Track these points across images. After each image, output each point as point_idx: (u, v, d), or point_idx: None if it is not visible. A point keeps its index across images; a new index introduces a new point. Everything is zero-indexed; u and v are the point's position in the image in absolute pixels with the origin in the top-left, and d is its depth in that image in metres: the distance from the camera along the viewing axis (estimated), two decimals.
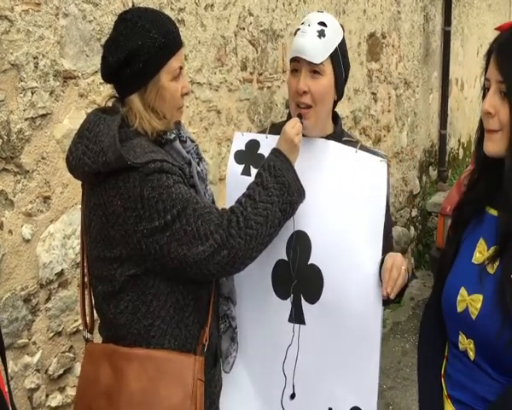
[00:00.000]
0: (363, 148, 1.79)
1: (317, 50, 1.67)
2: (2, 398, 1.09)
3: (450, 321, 1.47)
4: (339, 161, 1.74)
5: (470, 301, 1.38)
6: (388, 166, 1.75)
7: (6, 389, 1.13)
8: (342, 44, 1.75)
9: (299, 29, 1.73)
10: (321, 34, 1.68)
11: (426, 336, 1.60)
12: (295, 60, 1.72)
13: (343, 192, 1.71)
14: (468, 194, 1.51)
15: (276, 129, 1.82)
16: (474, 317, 1.37)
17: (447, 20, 6.71)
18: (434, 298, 1.55)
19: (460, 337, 1.42)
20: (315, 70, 1.69)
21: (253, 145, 1.83)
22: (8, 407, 1.11)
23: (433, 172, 6.89)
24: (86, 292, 1.67)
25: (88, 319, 1.69)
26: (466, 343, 1.40)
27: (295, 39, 1.71)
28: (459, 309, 1.41)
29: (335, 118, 1.84)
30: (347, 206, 1.71)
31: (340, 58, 1.73)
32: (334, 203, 1.71)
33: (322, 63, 1.68)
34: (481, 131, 1.43)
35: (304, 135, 1.72)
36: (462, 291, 1.41)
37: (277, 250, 1.72)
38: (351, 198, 1.71)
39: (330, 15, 1.79)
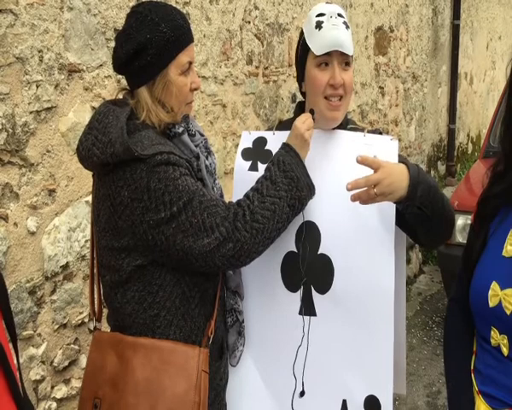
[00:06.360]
0: (371, 132, 1.78)
1: (350, 42, 1.69)
2: (15, 383, 1.10)
3: (480, 316, 1.43)
4: (347, 148, 1.73)
5: (504, 296, 1.35)
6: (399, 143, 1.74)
7: (18, 376, 1.14)
8: None
9: (321, 21, 1.68)
10: (346, 26, 1.69)
11: (453, 332, 1.56)
12: (327, 53, 1.67)
13: (352, 178, 1.67)
14: (495, 185, 1.47)
15: (283, 126, 1.82)
16: (508, 312, 1.33)
17: (456, 14, 6.68)
18: (460, 292, 1.51)
19: (492, 333, 1.39)
20: (346, 62, 1.70)
21: (260, 142, 1.82)
22: (20, 392, 1.12)
23: (442, 167, 6.86)
24: (95, 281, 1.68)
25: (96, 308, 1.70)
26: (499, 339, 1.37)
27: (327, 32, 1.67)
28: (491, 304, 1.37)
29: None
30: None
31: None
32: (344, 190, 1.66)
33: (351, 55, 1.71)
34: (509, 121, 1.40)
35: None
36: (494, 286, 1.37)
37: (286, 242, 1.71)
38: None
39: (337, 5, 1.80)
